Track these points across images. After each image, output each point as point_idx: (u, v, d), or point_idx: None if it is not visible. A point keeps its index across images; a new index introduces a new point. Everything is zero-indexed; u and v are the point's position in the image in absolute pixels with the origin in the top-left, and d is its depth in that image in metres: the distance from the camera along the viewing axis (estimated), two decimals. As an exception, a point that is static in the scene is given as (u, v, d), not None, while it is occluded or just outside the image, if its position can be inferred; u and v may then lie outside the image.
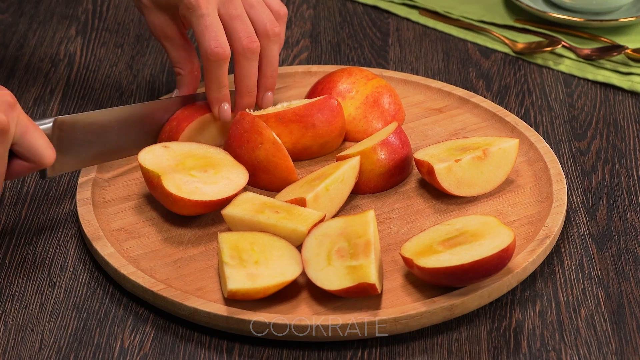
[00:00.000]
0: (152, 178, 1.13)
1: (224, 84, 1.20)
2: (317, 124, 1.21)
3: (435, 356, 1.02)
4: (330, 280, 1.03)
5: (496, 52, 1.45)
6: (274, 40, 1.21)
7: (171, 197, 1.11)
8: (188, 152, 1.16)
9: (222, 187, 1.13)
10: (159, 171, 1.12)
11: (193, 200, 1.11)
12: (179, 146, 1.17)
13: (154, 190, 1.13)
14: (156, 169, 1.13)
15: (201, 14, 1.18)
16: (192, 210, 1.12)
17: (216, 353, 1.02)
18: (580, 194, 1.21)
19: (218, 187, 1.12)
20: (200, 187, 1.12)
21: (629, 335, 1.04)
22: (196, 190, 1.12)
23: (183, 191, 1.11)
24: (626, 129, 1.31)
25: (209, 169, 1.14)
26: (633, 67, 1.39)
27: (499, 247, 1.02)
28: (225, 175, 1.14)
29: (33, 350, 1.02)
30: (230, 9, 1.19)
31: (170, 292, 1.04)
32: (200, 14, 1.18)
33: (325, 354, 1.02)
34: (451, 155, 1.16)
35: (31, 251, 1.13)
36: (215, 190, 1.12)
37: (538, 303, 1.07)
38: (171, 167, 1.13)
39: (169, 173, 1.12)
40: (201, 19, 1.18)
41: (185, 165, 1.14)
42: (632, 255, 1.13)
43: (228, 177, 1.14)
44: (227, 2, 1.20)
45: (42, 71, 1.41)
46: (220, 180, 1.13)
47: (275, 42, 1.22)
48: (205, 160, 1.16)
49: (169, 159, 1.15)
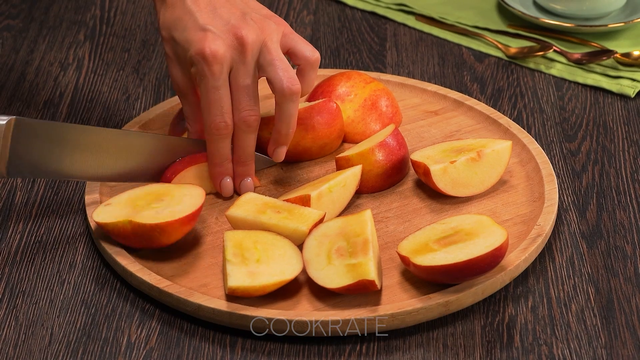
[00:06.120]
0: (122, 227, 1.07)
1: (225, 157, 1.15)
2: (317, 126, 1.21)
3: (431, 350, 1.02)
4: (331, 278, 1.03)
5: (490, 56, 1.45)
6: (290, 98, 1.12)
7: (158, 227, 1.06)
8: (132, 197, 1.11)
9: (192, 200, 1.09)
10: (125, 218, 1.07)
11: (181, 218, 1.07)
12: (119, 198, 1.11)
13: (129, 237, 1.07)
14: (120, 219, 1.07)
15: (213, 86, 1.11)
16: (182, 231, 1.08)
17: (220, 347, 1.02)
18: (571, 194, 1.21)
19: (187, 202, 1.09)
20: (172, 209, 1.08)
21: (617, 329, 1.04)
22: (172, 212, 1.07)
23: (163, 217, 1.06)
24: (615, 130, 1.31)
25: (163, 197, 1.10)
26: (622, 71, 1.39)
27: (492, 246, 1.02)
28: (183, 193, 1.10)
29: (43, 345, 1.02)
30: (239, 78, 1.12)
31: (176, 289, 1.05)
32: (212, 86, 1.11)
33: (325, 348, 1.02)
34: (446, 156, 1.16)
35: (41, 249, 1.13)
36: (189, 205, 1.08)
37: (530, 299, 1.07)
38: (131, 212, 1.08)
39: (134, 215, 1.07)
40: (211, 92, 1.11)
41: (139, 205, 1.09)
42: (621, 253, 1.13)
43: (185, 194, 1.10)
44: (239, 69, 1.12)
45: (52, 75, 1.41)
46: (182, 198, 1.09)
47: (292, 101, 1.12)
48: (152, 195, 1.11)
49: (121, 209, 1.09)
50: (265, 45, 1.13)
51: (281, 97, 1.13)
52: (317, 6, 1.56)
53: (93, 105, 1.36)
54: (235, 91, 1.12)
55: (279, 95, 1.13)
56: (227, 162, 1.16)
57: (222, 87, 1.11)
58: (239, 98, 1.12)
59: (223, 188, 1.17)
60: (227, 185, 1.17)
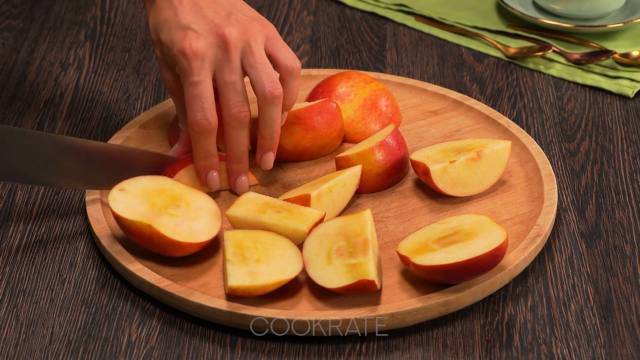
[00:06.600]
0: (140, 228, 1.07)
1: (210, 153, 1.14)
2: (317, 126, 1.21)
3: (431, 349, 1.02)
4: (332, 278, 1.03)
5: (489, 56, 1.45)
6: (272, 102, 1.12)
7: (178, 244, 1.06)
8: (147, 190, 1.10)
9: (210, 222, 1.09)
10: (145, 220, 1.07)
11: (200, 243, 1.07)
12: (132, 185, 1.10)
13: (143, 238, 1.07)
14: (141, 219, 1.07)
15: (192, 81, 1.11)
16: (195, 250, 1.09)
17: (220, 346, 1.02)
18: (570, 193, 1.21)
19: (205, 221, 1.09)
20: (192, 225, 1.08)
21: (616, 329, 1.04)
22: (191, 232, 1.07)
23: (184, 235, 1.07)
24: (614, 130, 1.31)
25: (178, 203, 1.10)
26: (621, 71, 1.39)
27: (492, 246, 1.02)
28: (199, 205, 1.10)
29: (44, 344, 1.02)
30: (225, 75, 1.12)
31: (176, 288, 1.05)
32: (191, 82, 1.11)
33: (325, 347, 1.02)
34: (446, 156, 1.16)
35: (42, 248, 1.13)
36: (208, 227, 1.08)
37: (530, 298, 1.07)
38: (149, 212, 1.08)
39: (154, 219, 1.07)
40: (191, 87, 1.11)
41: (158, 206, 1.08)
42: (620, 252, 1.13)
43: (201, 206, 1.10)
44: (223, 67, 1.12)
45: (53, 75, 1.41)
46: (198, 211, 1.09)
47: (275, 105, 1.12)
48: (167, 194, 1.10)
49: (138, 203, 1.08)
50: (249, 46, 1.13)
51: (263, 101, 1.13)
52: (317, 6, 1.56)
53: (93, 105, 1.36)
54: (223, 89, 1.12)
55: (260, 99, 1.13)
56: (212, 157, 1.15)
57: (203, 82, 1.11)
58: (226, 95, 1.12)
59: (209, 182, 1.16)
60: (213, 179, 1.16)
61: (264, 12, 1.55)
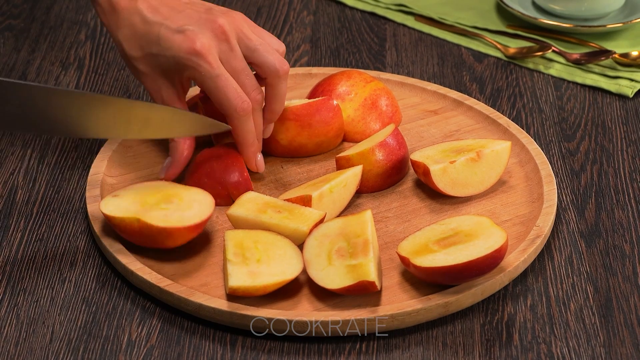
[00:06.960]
0: (129, 224, 1.07)
1: (254, 134, 1.16)
2: (314, 123, 1.21)
3: (431, 348, 1.02)
4: (332, 279, 1.03)
5: (489, 56, 1.45)
6: (283, 77, 1.15)
7: (165, 231, 1.06)
8: (141, 192, 1.11)
9: (201, 208, 1.09)
10: (133, 215, 1.07)
11: (189, 226, 1.07)
12: (127, 190, 1.11)
13: (134, 235, 1.08)
14: (128, 215, 1.07)
15: (215, 75, 1.12)
16: (188, 237, 1.08)
17: (220, 345, 1.02)
18: (570, 193, 1.21)
19: (196, 209, 1.09)
20: (182, 214, 1.08)
21: (616, 328, 1.04)
22: (182, 217, 1.07)
23: (172, 222, 1.06)
24: (614, 130, 1.31)
25: (172, 199, 1.10)
26: (620, 71, 1.39)
27: (492, 248, 1.02)
28: (193, 198, 1.10)
29: (44, 342, 1.02)
30: (233, 62, 1.13)
31: (176, 288, 1.05)
32: (214, 75, 1.12)
33: (325, 347, 1.02)
34: (446, 156, 1.16)
35: (42, 247, 1.13)
36: (198, 212, 1.08)
37: (529, 297, 1.08)
38: (139, 209, 1.08)
39: (143, 214, 1.07)
40: (217, 80, 1.12)
41: (149, 204, 1.09)
42: (620, 252, 1.13)
43: (195, 199, 1.10)
44: (229, 56, 1.13)
45: (53, 74, 1.41)
46: (192, 204, 1.09)
47: (285, 79, 1.15)
48: (161, 194, 1.10)
49: (129, 203, 1.09)
50: (242, 32, 1.14)
51: (275, 79, 1.15)
52: (317, 6, 1.56)
53: (94, 105, 1.36)
54: (236, 77, 1.14)
55: (273, 76, 1.15)
56: (257, 140, 1.17)
57: (224, 72, 1.12)
58: (242, 81, 1.14)
59: (259, 166, 1.19)
60: (262, 160, 1.19)
61: (264, 12, 1.55)
